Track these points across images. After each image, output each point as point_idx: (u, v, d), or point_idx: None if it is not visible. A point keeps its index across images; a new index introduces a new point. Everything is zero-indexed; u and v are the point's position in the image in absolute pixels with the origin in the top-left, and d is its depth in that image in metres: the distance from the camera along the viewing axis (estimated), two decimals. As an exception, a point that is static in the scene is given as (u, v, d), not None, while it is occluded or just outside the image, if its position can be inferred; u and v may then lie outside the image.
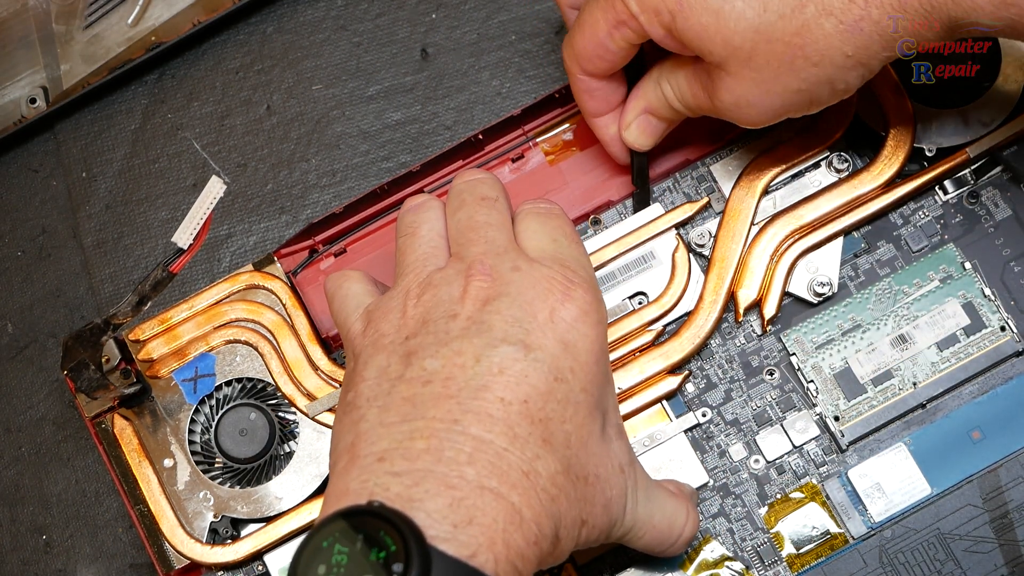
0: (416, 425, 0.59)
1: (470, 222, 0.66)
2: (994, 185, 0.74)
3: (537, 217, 0.67)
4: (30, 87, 0.83)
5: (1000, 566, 0.70)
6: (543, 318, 0.62)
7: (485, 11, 0.83)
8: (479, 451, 0.58)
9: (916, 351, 0.72)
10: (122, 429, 0.74)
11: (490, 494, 0.57)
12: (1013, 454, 0.71)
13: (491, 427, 0.59)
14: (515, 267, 0.63)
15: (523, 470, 0.58)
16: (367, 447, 0.59)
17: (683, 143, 0.76)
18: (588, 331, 0.63)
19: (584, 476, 0.61)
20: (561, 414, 0.61)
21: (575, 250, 0.66)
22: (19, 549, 0.80)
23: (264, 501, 0.73)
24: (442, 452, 0.58)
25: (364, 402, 0.61)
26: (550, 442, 0.60)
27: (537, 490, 0.59)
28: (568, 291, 0.63)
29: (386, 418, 0.60)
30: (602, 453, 0.62)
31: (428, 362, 0.61)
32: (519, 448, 0.59)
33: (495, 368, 0.60)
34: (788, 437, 0.72)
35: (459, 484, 0.57)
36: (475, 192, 0.67)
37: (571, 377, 0.61)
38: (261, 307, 0.75)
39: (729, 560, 0.71)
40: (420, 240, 0.67)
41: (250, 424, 0.73)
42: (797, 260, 0.73)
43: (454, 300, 0.62)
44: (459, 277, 0.63)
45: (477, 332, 0.61)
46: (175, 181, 0.83)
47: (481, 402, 0.59)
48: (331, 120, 0.83)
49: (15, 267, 0.83)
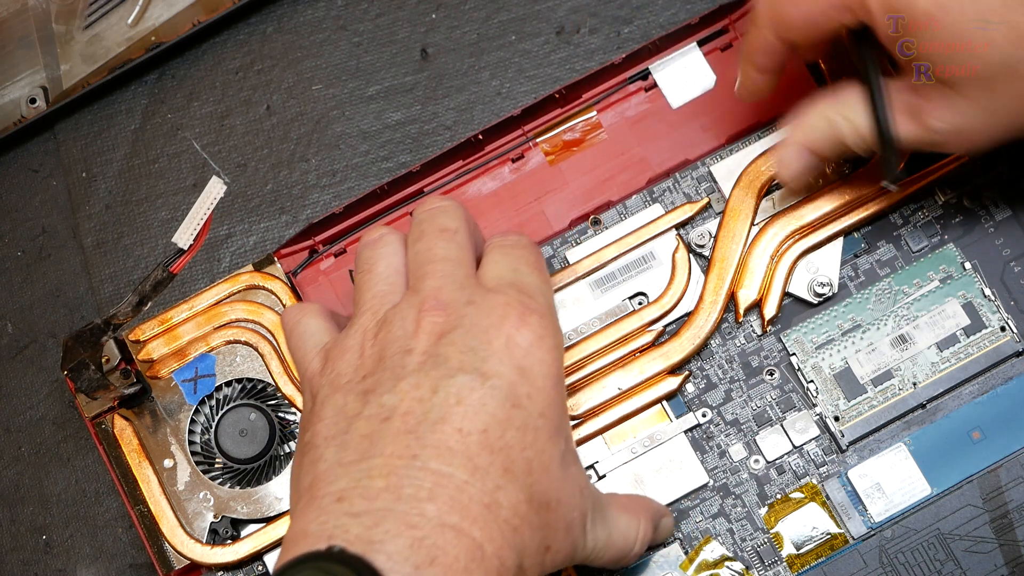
0: (374, 463, 0.58)
1: (428, 255, 0.65)
2: (994, 185, 0.74)
3: (501, 249, 0.67)
4: (30, 87, 0.83)
5: (1000, 566, 0.70)
6: (499, 345, 0.61)
7: (485, 11, 0.83)
8: (439, 486, 0.57)
9: (916, 351, 0.72)
10: (122, 429, 0.74)
11: (451, 531, 0.56)
12: (1013, 454, 0.71)
13: (450, 460, 0.58)
14: (470, 300, 0.63)
15: (484, 502, 0.58)
16: (325, 487, 0.58)
17: (683, 143, 0.76)
18: (544, 356, 0.62)
19: (546, 502, 0.60)
20: (521, 441, 0.60)
21: (535, 278, 0.66)
22: (19, 549, 0.80)
23: (264, 501, 0.73)
24: (401, 489, 0.57)
25: (322, 441, 0.61)
26: (511, 470, 0.59)
27: (499, 522, 0.58)
28: (523, 317, 0.62)
29: (344, 457, 0.59)
30: (563, 478, 0.62)
31: (386, 398, 0.60)
32: (480, 480, 0.58)
33: (452, 399, 0.59)
34: (788, 437, 0.72)
35: (419, 523, 0.56)
36: (434, 223, 0.66)
37: (528, 403, 0.61)
38: (261, 307, 0.75)
39: (729, 560, 0.71)
40: (376, 277, 0.66)
41: (250, 424, 0.73)
42: (797, 260, 0.73)
43: (408, 335, 0.62)
44: (412, 311, 0.63)
45: (433, 365, 0.60)
46: (175, 181, 0.83)
47: (439, 435, 0.59)
48: (331, 120, 0.83)
49: (15, 267, 0.83)
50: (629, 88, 0.77)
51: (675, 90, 0.77)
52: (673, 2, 0.81)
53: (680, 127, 0.77)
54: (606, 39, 0.81)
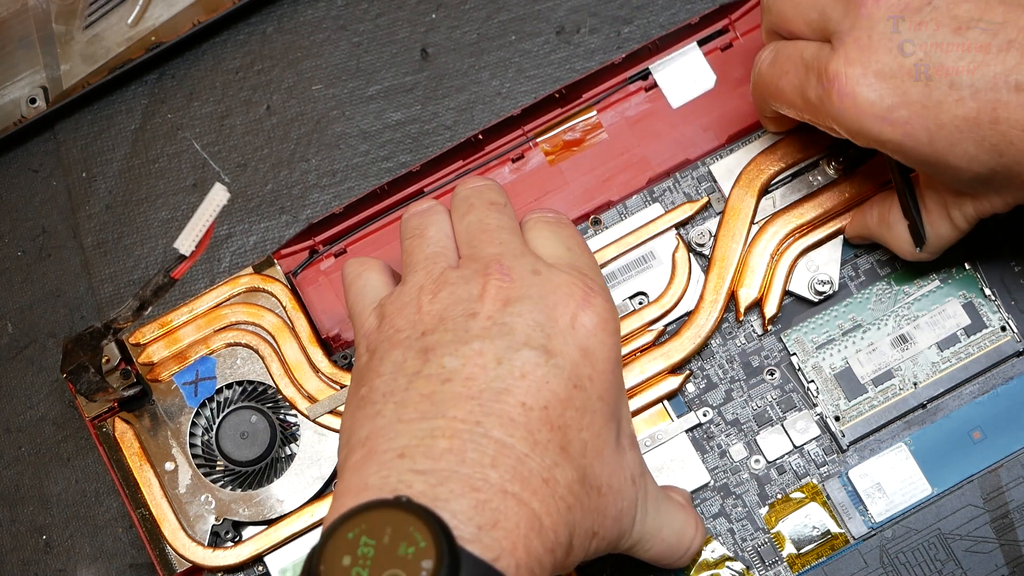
0: (437, 423, 0.58)
1: (482, 225, 0.65)
2: (994, 185, 0.74)
3: (548, 225, 0.67)
4: (30, 87, 0.83)
5: (1000, 566, 0.70)
6: (564, 324, 0.61)
7: (485, 11, 0.83)
8: (501, 455, 0.58)
9: (917, 351, 0.72)
10: (123, 432, 0.74)
11: (512, 499, 0.57)
12: (1014, 454, 0.71)
13: (512, 431, 0.58)
14: (535, 270, 0.63)
15: (543, 477, 0.58)
16: (385, 443, 0.58)
17: (683, 143, 0.76)
18: (607, 339, 0.62)
19: (598, 487, 0.61)
20: (579, 422, 0.60)
21: (589, 259, 0.66)
22: (19, 549, 0.80)
23: (265, 504, 0.73)
24: (465, 453, 0.57)
25: (380, 397, 0.60)
26: (567, 450, 0.59)
27: (556, 498, 0.58)
28: (588, 298, 0.62)
29: (404, 414, 0.59)
30: (616, 463, 0.62)
31: (447, 360, 0.60)
32: (539, 454, 0.58)
33: (516, 372, 0.59)
34: (789, 437, 0.72)
35: (482, 487, 0.56)
36: (483, 197, 0.67)
37: (589, 385, 0.61)
38: (261, 310, 0.75)
39: (730, 560, 0.71)
40: (429, 240, 0.66)
41: (251, 427, 0.73)
42: (797, 259, 0.73)
43: (473, 299, 0.62)
44: (476, 276, 0.62)
45: (499, 333, 0.60)
46: (175, 181, 0.83)
47: (503, 405, 0.59)
48: (331, 120, 0.83)
49: (15, 267, 0.83)
50: (629, 88, 0.77)
51: (675, 90, 0.77)
52: (673, 2, 0.81)
53: (680, 127, 0.77)
54: (606, 39, 0.81)
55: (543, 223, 0.67)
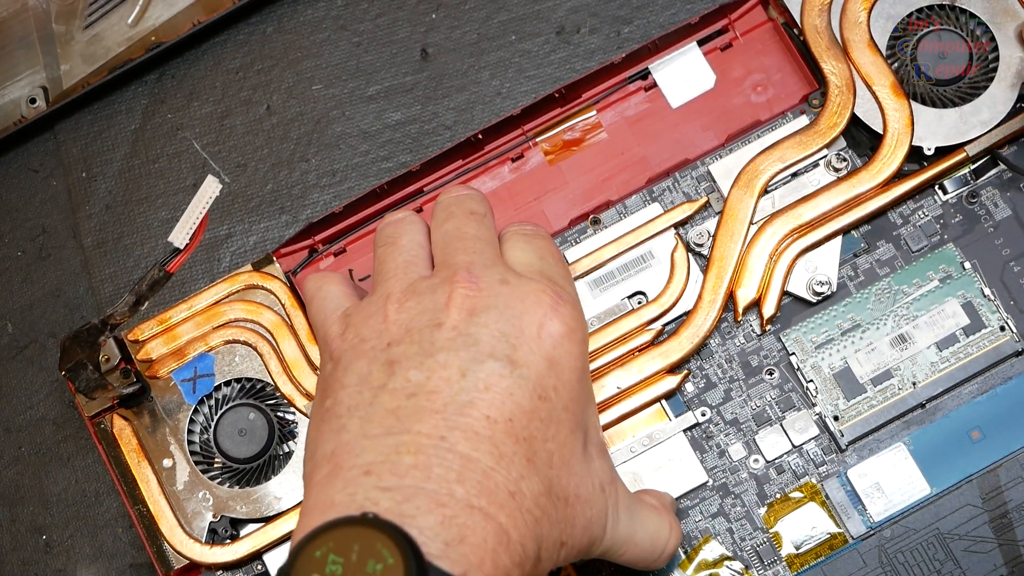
0: (402, 439, 0.58)
1: (458, 233, 0.65)
2: (994, 185, 0.74)
3: (524, 237, 0.66)
4: (30, 87, 0.83)
5: (999, 566, 0.70)
6: (530, 333, 0.61)
7: (485, 11, 0.83)
8: (467, 469, 0.57)
9: (916, 351, 0.72)
10: (121, 429, 0.74)
11: (479, 513, 0.56)
12: (1013, 454, 0.71)
13: (478, 445, 0.58)
14: (503, 280, 0.62)
15: (509, 490, 0.58)
16: (351, 459, 0.58)
17: (682, 143, 0.76)
18: (573, 348, 0.62)
19: (565, 497, 0.60)
20: (544, 433, 0.60)
21: (562, 269, 0.65)
22: (19, 549, 0.80)
23: (263, 501, 0.73)
24: (431, 469, 0.57)
25: (345, 411, 0.60)
26: (533, 461, 0.59)
27: (522, 511, 0.58)
28: (556, 307, 0.62)
29: (369, 429, 0.59)
30: (583, 473, 0.62)
31: (412, 373, 0.60)
32: (505, 467, 0.58)
33: (481, 384, 0.59)
34: (787, 437, 0.72)
35: (449, 502, 0.56)
36: (463, 206, 0.66)
37: (554, 396, 0.61)
38: (260, 307, 0.75)
39: (728, 560, 0.71)
40: (401, 249, 0.65)
41: (249, 424, 0.73)
42: (796, 259, 0.73)
43: (439, 308, 0.61)
44: (444, 284, 0.62)
45: (464, 344, 0.60)
46: (175, 181, 0.83)
47: (467, 419, 0.58)
48: (331, 120, 0.83)
49: (15, 267, 0.83)
50: (629, 88, 0.77)
51: (675, 90, 0.77)
52: (673, 2, 0.81)
53: (680, 127, 0.77)
54: (606, 39, 0.81)
55: (519, 235, 0.66)
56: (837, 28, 0.75)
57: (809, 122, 0.75)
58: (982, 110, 0.74)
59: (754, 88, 0.77)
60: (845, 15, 0.75)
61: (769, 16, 0.77)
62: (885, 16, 0.75)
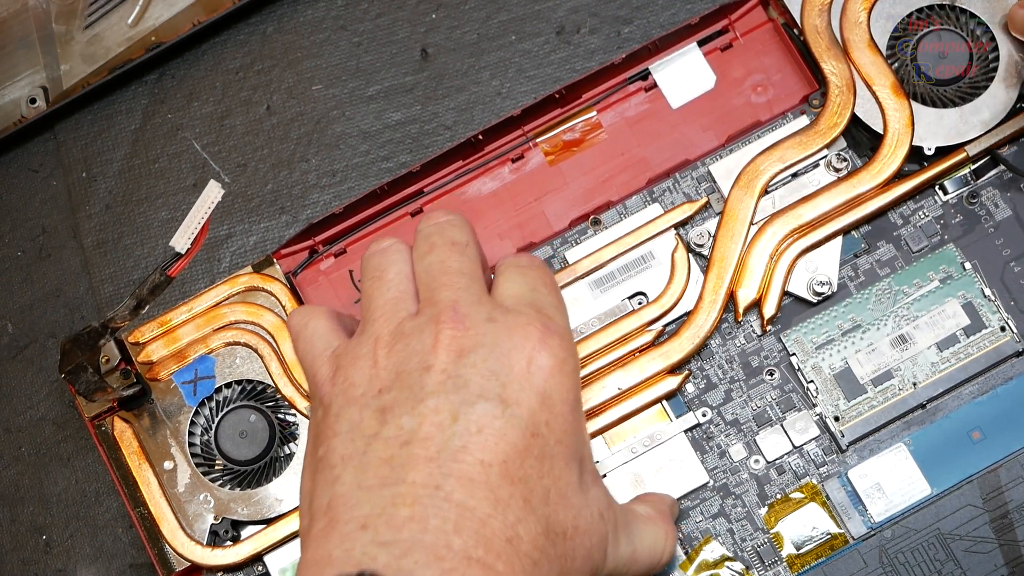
0: (398, 490, 0.57)
1: (441, 267, 0.63)
2: (994, 185, 0.74)
3: (519, 269, 0.65)
4: (30, 87, 0.83)
5: (1000, 566, 0.70)
6: (519, 370, 0.60)
7: (485, 11, 0.83)
8: (463, 519, 0.57)
9: (916, 351, 0.72)
10: (122, 431, 0.74)
11: (477, 565, 0.56)
12: (1013, 454, 0.71)
13: (473, 492, 0.57)
14: (490, 317, 0.61)
15: (507, 536, 0.57)
16: (347, 512, 0.57)
17: (683, 143, 0.76)
18: (564, 380, 0.61)
19: (563, 531, 0.60)
20: (539, 470, 0.59)
21: (553, 298, 0.64)
22: (19, 549, 0.80)
23: (264, 503, 0.73)
24: (427, 521, 0.56)
25: (339, 460, 0.59)
26: (530, 501, 0.58)
27: (520, 556, 0.57)
28: (544, 339, 0.61)
29: (364, 480, 0.58)
30: (581, 504, 0.61)
31: (404, 420, 0.59)
32: (501, 513, 0.57)
33: (473, 427, 0.58)
34: (788, 437, 0.72)
35: (447, 555, 0.55)
36: (444, 236, 0.64)
37: (547, 431, 0.60)
38: (260, 309, 0.75)
39: (729, 560, 0.71)
40: (388, 284, 0.64)
41: (250, 426, 0.73)
42: (796, 260, 0.73)
43: (427, 350, 0.60)
44: (430, 325, 0.61)
45: (454, 387, 0.59)
46: (175, 181, 0.83)
47: (461, 465, 0.57)
48: (331, 120, 0.83)
49: (15, 267, 0.83)
50: (629, 88, 0.77)
51: (675, 90, 0.77)
52: (673, 2, 0.81)
53: (680, 127, 0.77)
54: (606, 39, 0.81)
55: (514, 268, 0.65)
56: (837, 28, 0.75)
57: (809, 122, 0.75)
58: (982, 110, 0.74)
59: (754, 88, 0.77)
60: (845, 15, 0.75)
61: (769, 16, 0.77)
62: (885, 16, 0.75)
